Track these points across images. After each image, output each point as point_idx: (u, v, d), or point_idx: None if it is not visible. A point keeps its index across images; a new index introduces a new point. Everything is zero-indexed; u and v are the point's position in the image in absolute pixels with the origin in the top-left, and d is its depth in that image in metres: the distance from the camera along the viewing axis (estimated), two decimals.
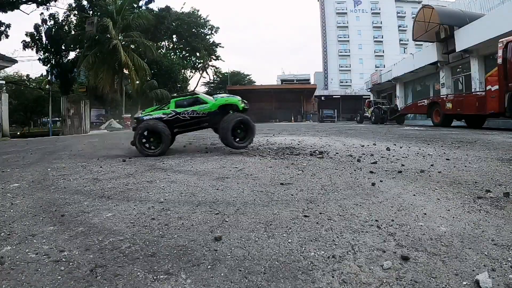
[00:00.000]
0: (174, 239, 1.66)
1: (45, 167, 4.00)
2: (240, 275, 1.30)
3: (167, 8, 29.04)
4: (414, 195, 2.46)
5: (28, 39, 22.50)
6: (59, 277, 1.29)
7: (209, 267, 1.37)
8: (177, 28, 31.02)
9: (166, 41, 33.06)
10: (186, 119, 5.20)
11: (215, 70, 38.70)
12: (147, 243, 1.62)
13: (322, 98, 38.02)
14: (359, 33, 52.37)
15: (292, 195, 2.50)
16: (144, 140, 4.86)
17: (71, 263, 1.40)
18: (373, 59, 51.28)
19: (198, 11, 33.00)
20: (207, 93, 39.81)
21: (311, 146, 5.78)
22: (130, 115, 21.57)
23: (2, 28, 20.77)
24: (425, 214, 2.01)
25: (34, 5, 21.38)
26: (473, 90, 13.80)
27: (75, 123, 15.04)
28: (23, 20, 60.98)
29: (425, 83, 21.34)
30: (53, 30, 22.42)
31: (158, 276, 1.29)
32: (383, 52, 51.46)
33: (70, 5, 22.85)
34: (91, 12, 22.29)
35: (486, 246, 1.53)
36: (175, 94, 6.21)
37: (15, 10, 20.04)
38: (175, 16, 30.14)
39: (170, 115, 5.14)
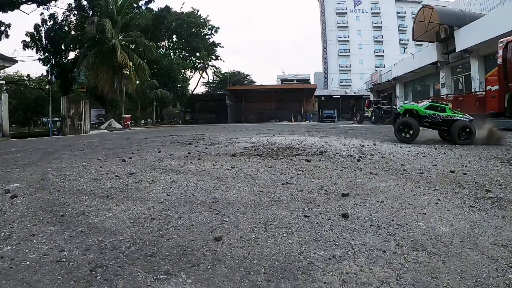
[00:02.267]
0: (174, 239, 1.66)
1: (45, 167, 4.00)
2: (240, 275, 1.30)
3: (167, 8, 29.00)
4: (414, 195, 2.46)
5: (28, 39, 22.51)
6: (59, 277, 1.29)
7: (209, 267, 1.37)
8: (177, 28, 30.99)
9: (166, 41, 33.05)
10: None
11: (215, 70, 38.70)
12: (147, 243, 1.62)
13: (322, 98, 38.00)
14: (359, 33, 52.35)
15: (292, 195, 2.50)
16: None
17: (71, 263, 1.40)
18: (373, 59, 51.25)
19: (198, 11, 33.00)
20: (208, 93, 39.89)
21: (311, 146, 5.77)
22: (130, 115, 21.57)
23: (2, 28, 20.78)
24: (425, 214, 2.01)
25: (34, 5, 21.39)
26: (473, 90, 13.80)
27: (75, 123, 15.03)
28: (23, 20, 61.05)
29: (425, 83, 21.33)
30: (53, 30, 22.42)
31: (158, 276, 1.29)
32: (383, 52, 51.44)
33: (70, 5, 22.88)
34: (91, 12, 22.28)
35: (486, 246, 1.53)
36: None
37: (15, 10, 20.04)
38: (175, 16, 30.12)
39: None
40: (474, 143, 5.82)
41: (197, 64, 34.76)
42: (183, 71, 30.48)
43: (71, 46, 22.84)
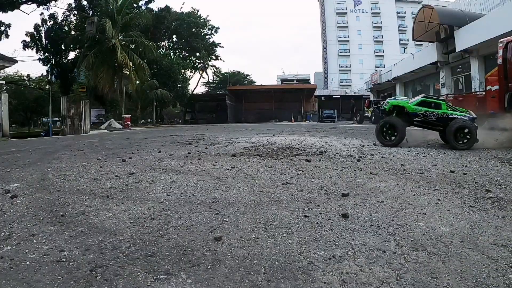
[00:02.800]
0: (174, 239, 1.66)
1: (45, 167, 4.00)
2: (240, 275, 1.30)
3: (167, 8, 29.01)
4: (414, 195, 2.46)
5: (28, 39, 22.50)
6: (59, 277, 1.29)
7: (209, 267, 1.37)
8: (177, 28, 30.98)
9: (166, 41, 33.05)
10: None
11: (215, 70, 38.69)
12: (147, 243, 1.62)
13: (322, 98, 37.99)
14: (359, 33, 52.32)
15: (292, 195, 2.50)
16: None
17: (71, 263, 1.40)
18: (373, 59, 51.22)
19: (198, 11, 33.02)
20: (208, 93, 39.87)
21: (311, 146, 5.77)
22: (130, 115, 21.56)
23: (2, 28, 20.76)
24: (425, 214, 2.01)
25: (34, 5, 21.37)
26: (473, 90, 13.79)
27: (75, 123, 15.03)
28: (23, 20, 61.01)
29: (425, 83, 21.33)
30: (53, 30, 22.42)
31: (158, 276, 1.29)
32: (383, 52, 51.42)
33: (70, 5, 22.87)
34: (91, 12, 22.28)
35: (486, 246, 1.53)
36: None
37: (15, 10, 20.03)
38: (175, 16, 30.10)
39: None
40: (479, 147, 5.08)
41: (197, 64, 34.74)
42: (183, 71, 30.46)
43: (71, 46, 22.84)
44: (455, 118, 5.27)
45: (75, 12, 22.97)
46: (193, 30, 32.55)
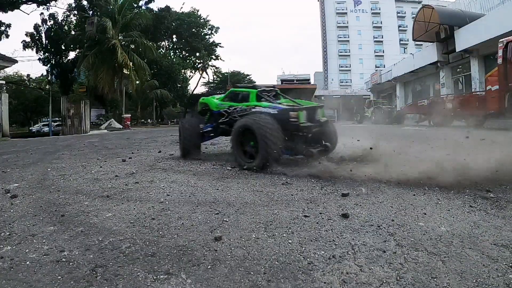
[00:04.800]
0: (174, 239, 1.66)
1: (45, 167, 4.00)
2: (240, 275, 1.30)
3: (167, 8, 29.07)
4: (414, 195, 2.46)
5: (28, 39, 22.56)
6: (59, 277, 1.29)
7: (209, 267, 1.37)
8: (177, 28, 31.06)
9: (166, 41, 33.10)
10: None
11: (215, 70, 38.73)
12: (147, 243, 1.62)
13: (322, 98, 38.00)
14: (359, 33, 52.30)
15: (292, 195, 2.50)
16: None
17: (71, 263, 1.40)
18: (373, 59, 51.18)
19: (198, 11, 33.12)
20: (208, 93, 39.84)
21: None
22: (130, 115, 21.59)
23: (2, 28, 20.80)
24: (425, 214, 2.01)
25: (34, 5, 21.42)
26: (473, 90, 13.79)
27: (75, 123, 15.05)
28: (23, 20, 61.10)
29: (425, 83, 21.34)
30: (53, 30, 22.45)
31: (158, 276, 1.29)
32: (383, 52, 51.38)
33: (70, 5, 22.90)
34: (91, 12, 22.30)
35: (486, 246, 1.53)
36: None
37: (15, 10, 20.05)
38: (175, 16, 30.16)
39: None
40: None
41: (197, 64, 34.78)
42: (183, 71, 30.52)
43: (71, 46, 22.90)
44: (255, 112, 3.51)
45: (75, 12, 23.01)
46: (193, 30, 32.60)
